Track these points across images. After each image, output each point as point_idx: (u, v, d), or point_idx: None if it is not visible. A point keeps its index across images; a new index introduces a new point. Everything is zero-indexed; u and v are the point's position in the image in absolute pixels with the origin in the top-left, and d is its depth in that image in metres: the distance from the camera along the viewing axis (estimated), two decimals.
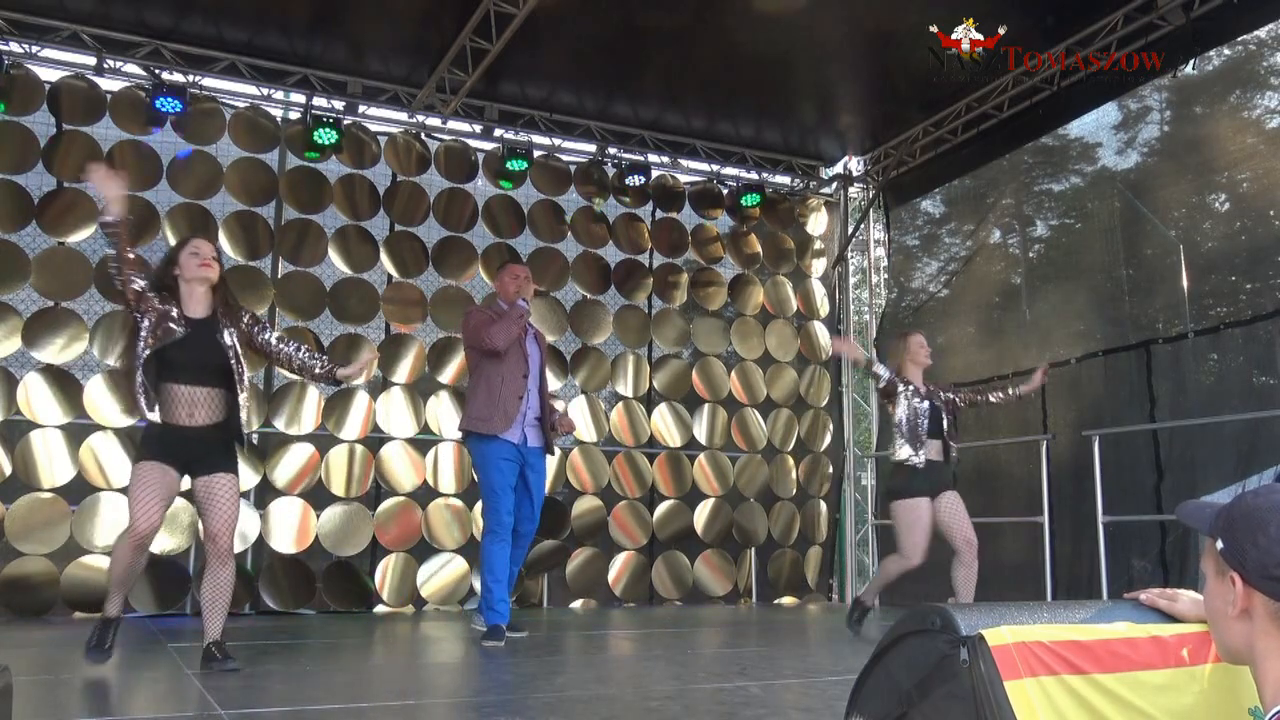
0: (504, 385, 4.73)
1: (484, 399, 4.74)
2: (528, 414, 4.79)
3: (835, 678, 3.59)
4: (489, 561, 4.70)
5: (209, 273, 3.71)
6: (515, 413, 4.71)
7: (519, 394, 4.74)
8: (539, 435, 4.88)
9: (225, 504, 3.62)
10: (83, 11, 6.22)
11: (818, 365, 8.57)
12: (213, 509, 3.62)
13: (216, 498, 3.62)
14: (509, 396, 4.72)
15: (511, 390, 4.74)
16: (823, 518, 8.34)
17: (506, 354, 4.75)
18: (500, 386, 4.73)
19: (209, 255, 3.74)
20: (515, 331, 4.74)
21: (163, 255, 3.94)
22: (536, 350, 4.97)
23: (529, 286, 4.94)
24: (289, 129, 7.03)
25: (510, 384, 4.74)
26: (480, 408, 4.74)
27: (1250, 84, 6.12)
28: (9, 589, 5.83)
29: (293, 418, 6.65)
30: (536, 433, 4.86)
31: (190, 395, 3.60)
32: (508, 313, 4.80)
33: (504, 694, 3.32)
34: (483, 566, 4.73)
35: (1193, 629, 1.57)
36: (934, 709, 1.44)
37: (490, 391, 4.73)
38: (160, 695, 3.29)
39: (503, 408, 4.70)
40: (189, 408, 3.60)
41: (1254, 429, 5.34)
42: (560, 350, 7.54)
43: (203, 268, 3.69)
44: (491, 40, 6.05)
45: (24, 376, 6.10)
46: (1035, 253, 7.66)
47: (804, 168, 8.69)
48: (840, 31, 6.43)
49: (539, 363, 4.96)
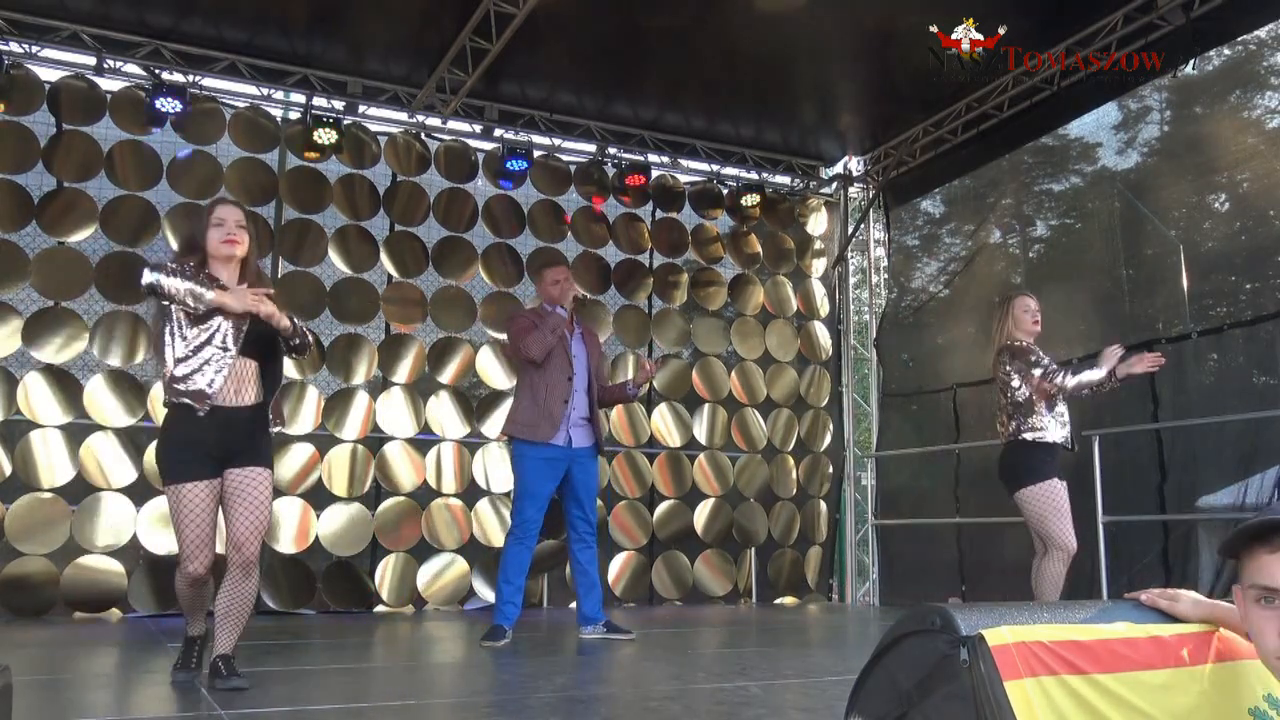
0: (548, 392, 4.73)
1: (528, 405, 4.76)
2: (573, 415, 4.78)
3: (835, 678, 3.59)
4: (504, 561, 4.73)
5: (235, 249, 3.30)
6: (560, 417, 4.72)
7: (564, 398, 4.74)
8: (588, 435, 4.87)
9: (257, 505, 3.20)
10: (83, 11, 6.22)
11: (818, 365, 8.56)
12: (241, 510, 3.19)
13: (248, 497, 3.20)
14: (554, 402, 4.72)
15: (556, 396, 4.74)
16: (823, 518, 8.34)
17: (549, 359, 4.75)
18: (545, 393, 4.73)
19: (235, 225, 3.31)
20: (551, 341, 4.73)
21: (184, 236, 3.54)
22: (584, 350, 4.94)
23: (569, 290, 4.89)
24: (289, 129, 7.03)
25: (555, 390, 4.74)
26: (525, 413, 4.76)
27: (1250, 84, 6.12)
28: (9, 589, 5.83)
29: (292, 418, 6.65)
30: (584, 433, 4.85)
31: (241, 369, 3.22)
32: (544, 322, 4.78)
33: (504, 694, 3.32)
34: (500, 564, 4.76)
35: (1193, 629, 1.57)
36: (934, 709, 1.44)
37: (535, 398, 4.75)
38: (160, 695, 3.28)
39: (548, 414, 4.71)
40: (238, 383, 3.21)
41: (1255, 429, 5.33)
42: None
43: (227, 244, 3.28)
44: (491, 40, 6.05)
45: (24, 376, 6.10)
46: (1035, 253, 7.66)
47: (804, 168, 8.68)
48: (840, 31, 6.43)
49: (586, 363, 4.92)
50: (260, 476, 3.23)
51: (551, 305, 4.88)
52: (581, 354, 4.92)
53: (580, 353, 4.92)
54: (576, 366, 4.84)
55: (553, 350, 4.76)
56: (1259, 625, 1.29)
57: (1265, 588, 1.27)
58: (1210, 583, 5.30)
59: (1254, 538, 1.28)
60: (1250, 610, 1.31)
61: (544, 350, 4.71)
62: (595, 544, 4.95)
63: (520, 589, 4.75)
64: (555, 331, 4.75)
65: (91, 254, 6.34)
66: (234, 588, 3.21)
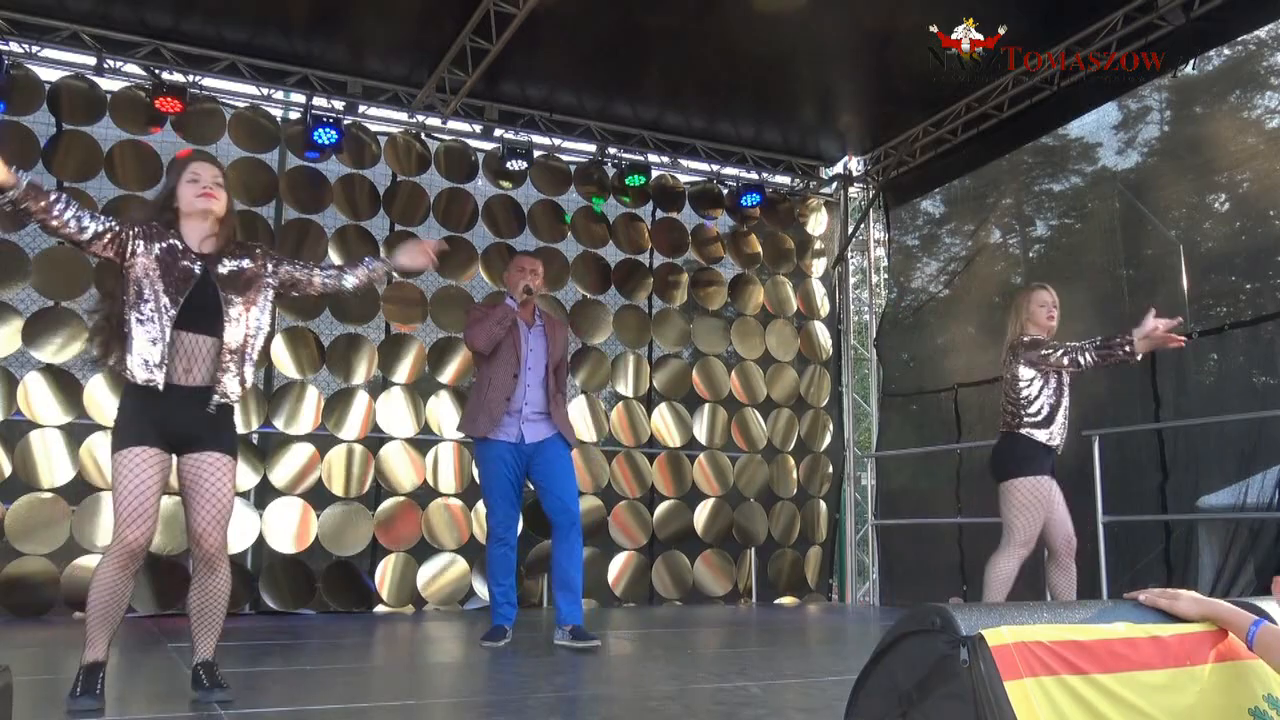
0: (490, 386, 4.62)
1: (474, 400, 4.71)
2: (524, 410, 4.61)
3: (835, 678, 3.59)
4: (488, 565, 4.75)
5: (211, 203, 2.99)
6: (500, 413, 4.57)
7: (506, 394, 4.59)
8: (546, 428, 4.67)
9: (214, 493, 2.89)
10: (83, 11, 6.22)
11: (818, 365, 8.56)
12: (198, 499, 2.89)
13: (204, 484, 2.89)
14: (495, 398, 4.60)
15: (498, 391, 4.60)
16: (823, 518, 8.33)
17: (496, 353, 4.64)
18: (487, 388, 4.64)
19: (211, 180, 3.02)
20: (496, 333, 4.60)
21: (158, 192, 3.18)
22: (543, 342, 4.75)
23: (532, 280, 4.74)
24: (289, 129, 7.03)
25: (497, 384, 4.61)
26: (470, 408, 4.73)
27: (1250, 84, 6.12)
28: (9, 589, 5.83)
29: (292, 417, 6.65)
30: (540, 427, 4.66)
31: (193, 346, 2.90)
32: (492, 313, 4.68)
33: (504, 694, 3.32)
34: (486, 568, 4.77)
35: (1193, 629, 1.57)
36: (934, 709, 1.44)
37: (479, 393, 4.68)
38: (160, 695, 3.28)
39: (487, 409, 4.59)
40: (188, 361, 2.89)
41: (1255, 429, 5.33)
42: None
43: (203, 197, 2.98)
44: (491, 40, 6.05)
45: (24, 376, 6.10)
46: (1035, 253, 7.66)
47: (804, 168, 8.68)
48: (840, 31, 6.43)
49: (544, 355, 4.73)
50: (216, 461, 2.93)
51: (514, 298, 4.77)
52: (540, 346, 4.73)
53: (539, 345, 4.73)
54: (531, 360, 4.67)
55: (501, 343, 4.62)
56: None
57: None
58: (1210, 583, 5.30)
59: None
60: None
61: (488, 342, 4.59)
62: (576, 537, 4.63)
63: (511, 588, 4.69)
64: (501, 323, 4.61)
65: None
66: (203, 584, 2.94)
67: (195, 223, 3.01)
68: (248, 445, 6.47)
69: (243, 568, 6.48)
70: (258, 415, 6.58)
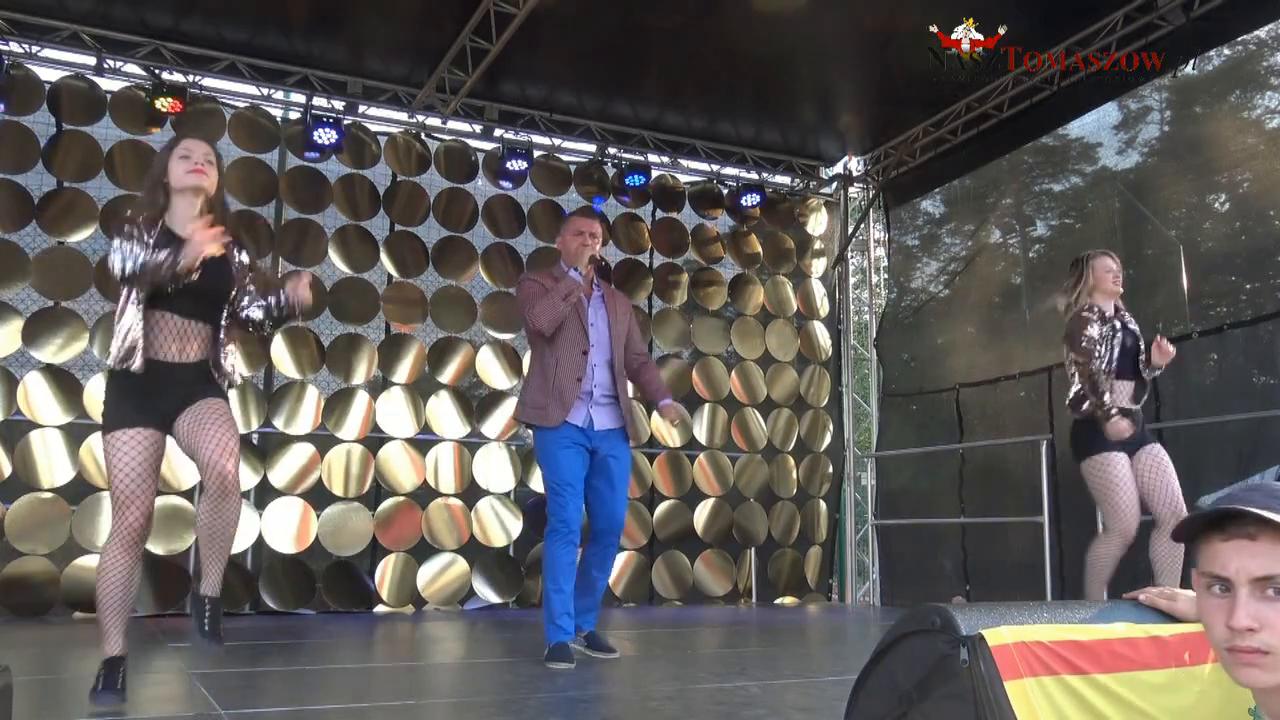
0: (559, 368, 4.09)
1: (538, 384, 4.14)
2: (594, 392, 4.13)
3: (835, 678, 3.59)
4: (548, 565, 4.05)
5: (200, 179, 2.97)
6: (573, 396, 4.07)
7: (577, 375, 4.09)
8: (614, 416, 4.19)
9: (217, 428, 2.86)
10: (83, 11, 6.22)
11: (818, 365, 8.56)
12: (203, 437, 2.83)
13: (206, 425, 2.86)
14: (565, 380, 4.08)
15: (568, 372, 4.09)
16: (823, 518, 8.34)
17: (560, 330, 4.11)
18: (555, 369, 4.09)
19: (202, 157, 2.99)
20: (564, 310, 4.08)
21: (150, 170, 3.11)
22: (604, 317, 4.26)
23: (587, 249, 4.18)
24: (289, 129, 7.03)
25: (566, 365, 4.10)
26: (535, 394, 4.13)
27: (1250, 84, 6.12)
28: (9, 589, 5.83)
29: (292, 417, 6.65)
30: (609, 413, 4.18)
31: (184, 328, 2.93)
32: (556, 287, 4.11)
33: (504, 694, 3.32)
34: (545, 570, 4.09)
35: (1193, 629, 1.57)
36: (934, 709, 1.44)
37: (545, 376, 4.12)
38: (160, 695, 3.28)
39: (558, 394, 4.06)
40: (180, 342, 2.92)
41: (1255, 429, 5.33)
42: None
43: (193, 173, 2.96)
44: (491, 40, 6.05)
45: (24, 376, 6.10)
46: (1035, 253, 7.65)
47: (804, 168, 8.68)
48: (840, 31, 6.43)
49: (607, 333, 4.25)
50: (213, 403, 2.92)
51: (569, 264, 4.22)
52: (601, 322, 4.24)
53: (600, 320, 4.24)
54: (594, 337, 4.18)
55: (565, 320, 4.11)
56: (1208, 614, 1.26)
57: (1216, 576, 1.25)
58: None
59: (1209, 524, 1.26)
60: (1201, 598, 1.29)
61: (554, 320, 4.06)
62: (614, 545, 4.25)
63: (572, 595, 4.06)
64: (569, 298, 4.09)
65: (91, 254, 6.34)
66: (216, 508, 2.84)
67: (185, 199, 2.99)
68: (248, 445, 6.47)
69: (243, 568, 6.48)
70: (258, 415, 6.58)
